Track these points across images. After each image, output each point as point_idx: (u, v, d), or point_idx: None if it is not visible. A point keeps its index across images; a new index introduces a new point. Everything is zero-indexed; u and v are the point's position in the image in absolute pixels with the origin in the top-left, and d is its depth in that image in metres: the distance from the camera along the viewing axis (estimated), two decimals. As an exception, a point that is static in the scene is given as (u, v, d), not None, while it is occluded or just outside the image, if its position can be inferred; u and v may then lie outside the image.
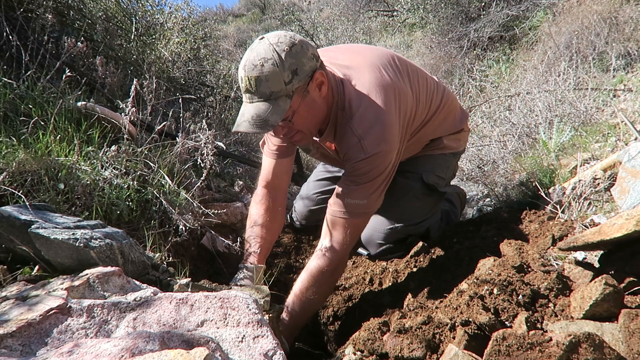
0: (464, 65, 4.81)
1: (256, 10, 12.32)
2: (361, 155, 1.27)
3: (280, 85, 1.15)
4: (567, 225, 1.33)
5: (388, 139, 1.28)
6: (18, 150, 1.24)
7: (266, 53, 1.13)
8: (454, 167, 1.78)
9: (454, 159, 1.76)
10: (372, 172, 1.29)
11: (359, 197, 1.32)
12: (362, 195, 1.31)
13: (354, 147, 1.28)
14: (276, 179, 1.58)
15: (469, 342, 0.88)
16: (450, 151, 1.71)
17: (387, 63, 1.41)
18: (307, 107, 1.25)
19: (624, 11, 3.43)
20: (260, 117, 1.15)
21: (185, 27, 3.10)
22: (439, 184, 1.68)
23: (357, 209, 1.33)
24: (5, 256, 1.00)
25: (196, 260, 1.52)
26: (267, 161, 1.59)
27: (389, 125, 1.28)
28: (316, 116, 1.31)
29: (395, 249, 1.65)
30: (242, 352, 0.79)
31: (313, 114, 1.29)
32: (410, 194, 1.66)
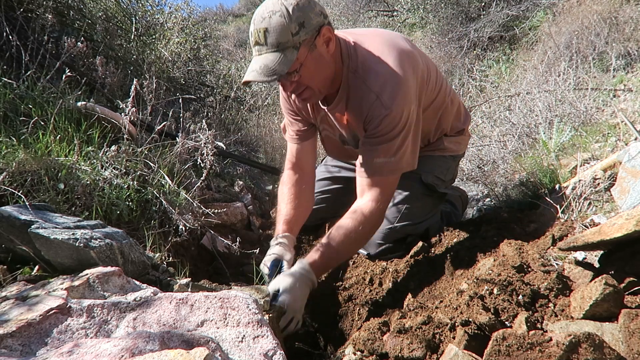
0: (464, 65, 4.81)
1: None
2: (382, 111, 1.30)
3: (287, 36, 1.18)
4: (567, 225, 1.33)
5: (405, 91, 1.30)
6: (18, 150, 1.24)
7: (274, 6, 1.18)
8: (453, 170, 1.79)
9: (454, 162, 1.77)
10: (396, 127, 1.32)
11: (387, 155, 1.35)
12: (389, 152, 1.35)
13: (373, 104, 1.31)
14: (300, 161, 1.64)
15: (469, 342, 0.88)
16: (450, 154, 1.72)
17: (399, 36, 1.47)
18: (315, 61, 1.27)
19: (624, 11, 3.43)
20: (268, 66, 1.19)
21: (185, 27, 3.11)
22: (438, 185, 1.68)
23: (387, 166, 1.36)
24: (5, 256, 1.00)
25: (196, 260, 1.52)
26: (290, 146, 1.66)
27: (404, 79, 1.31)
28: (324, 72, 1.32)
29: (394, 249, 1.65)
30: (242, 352, 0.79)
31: (321, 69, 1.30)
32: (410, 194, 1.66)
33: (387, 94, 1.29)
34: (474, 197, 2.60)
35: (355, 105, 1.39)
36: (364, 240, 1.46)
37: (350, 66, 1.36)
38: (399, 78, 1.30)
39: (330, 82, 1.37)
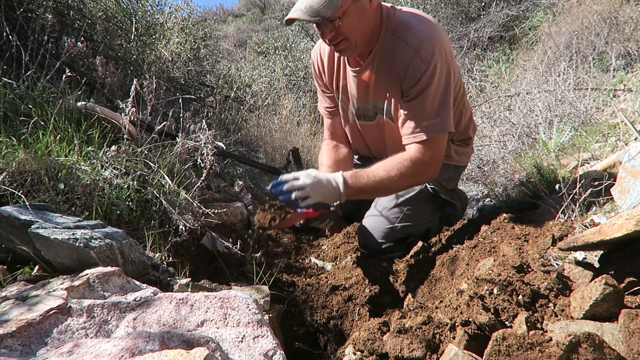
0: (464, 65, 4.81)
1: (256, 10, 12.32)
2: (422, 66, 1.33)
3: None
4: (567, 225, 1.33)
5: (443, 49, 1.35)
6: (18, 150, 1.24)
7: None
8: (455, 180, 1.80)
9: (456, 173, 1.79)
10: (435, 84, 1.34)
11: (430, 117, 1.37)
12: (432, 113, 1.36)
13: (412, 60, 1.34)
14: (335, 131, 1.79)
15: (469, 342, 0.88)
16: (454, 163, 1.74)
17: None
18: (357, 13, 1.31)
19: (624, 11, 3.43)
20: (313, 7, 1.23)
21: (185, 27, 3.10)
22: (441, 191, 1.70)
23: (432, 128, 1.37)
24: (5, 256, 1.00)
25: (196, 260, 1.52)
26: (325, 120, 1.82)
27: (442, 38, 1.37)
28: (364, 26, 1.35)
29: (395, 249, 1.65)
30: (242, 352, 0.79)
31: (361, 22, 1.33)
32: (413, 197, 1.68)
33: (425, 49, 1.33)
34: (474, 197, 2.59)
35: (389, 65, 1.42)
36: (401, 182, 1.42)
37: (389, 27, 1.40)
38: (438, 35, 1.36)
39: (368, 38, 1.40)
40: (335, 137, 1.78)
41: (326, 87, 1.70)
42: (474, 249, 1.42)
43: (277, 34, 7.48)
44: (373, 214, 1.71)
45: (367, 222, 1.71)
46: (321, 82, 1.71)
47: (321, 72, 1.67)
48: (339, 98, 1.68)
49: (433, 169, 1.45)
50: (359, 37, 1.37)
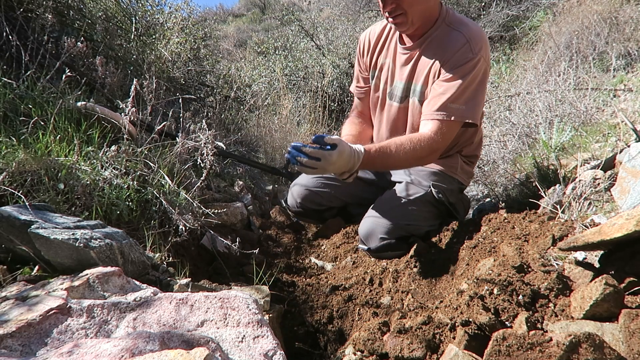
0: (464, 65, 4.80)
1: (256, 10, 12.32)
2: (469, 54, 1.47)
3: None
4: (567, 225, 1.33)
5: (488, 49, 1.51)
6: (18, 150, 1.24)
7: None
8: (456, 197, 1.84)
9: (458, 190, 1.84)
10: (474, 74, 1.47)
11: (459, 101, 1.49)
12: (463, 98, 1.48)
13: (463, 47, 1.48)
14: (364, 111, 1.93)
15: (469, 342, 0.88)
16: (459, 179, 1.81)
17: None
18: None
19: (624, 11, 3.43)
20: None
21: (185, 27, 3.10)
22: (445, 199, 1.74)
23: (457, 112, 1.49)
24: (5, 256, 1.00)
25: (196, 260, 1.52)
26: (355, 100, 1.96)
27: (488, 43, 1.54)
28: (424, 5, 1.49)
29: (396, 246, 1.65)
30: (242, 352, 0.79)
31: (422, 2, 1.48)
32: (416, 198, 1.70)
33: (476, 42, 1.48)
34: (474, 197, 2.59)
35: (439, 48, 1.54)
36: (414, 158, 1.53)
37: (446, 19, 1.55)
38: (486, 38, 1.53)
39: (424, 20, 1.54)
40: (359, 113, 1.94)
41: (364, 68, 1.84)
42: (474, 249, 1.42)
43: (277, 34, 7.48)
44: (375, 212, 1.72)
45: (369, 219, 1.71)
46: (361, 62, 1.84)
47: (364, 51, 1.80)
48: (374, 77, 1.79)
49: (439, 152, 1.57)
50: (417, 14, 1.49)
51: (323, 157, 1.38)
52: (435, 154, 1.57)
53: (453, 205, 1.80)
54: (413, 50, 1.61)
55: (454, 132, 1.55)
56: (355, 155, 1.43)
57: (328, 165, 1.38)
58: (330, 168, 1.40)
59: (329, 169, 1.40)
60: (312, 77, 5.03)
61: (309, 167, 1.38)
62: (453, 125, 1.51)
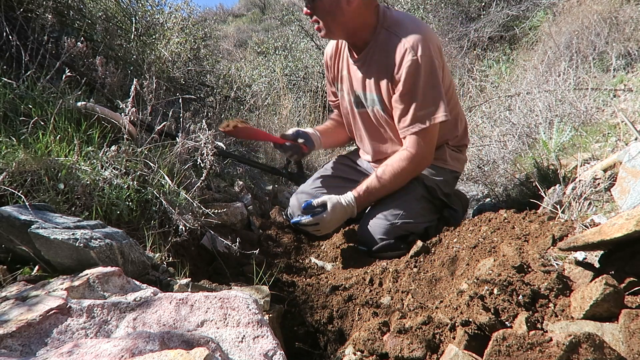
0: (464, 65, 4.81)
1: (256, 10, 12.32)
2: (411, 58, 1.49)
3: None
4: (567, 225, 1.33)
5: (430, 43, 1.52)
6: (18, 150, 1.24)
7: None
8: (451, 185, 1.86)
9: (452, 178, 1.85)
10: (425, 73, 1.50)
11: (424, 106, 1.53)
12: (426, 101, 1.53)
13: (403, 53, 1.51)
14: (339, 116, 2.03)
15: (469, 342, 0.88)
16: (450, 168, 1.82)
17: None
18: (330, 4, 1.52)
19: (624, 11, 3.43)
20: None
21: (185, 27, 3.10)
22: (437, 192, 1.76)
23: (427, 116, 1.54)
24: (5, 256, 1.00)
25: (196, 260, 1.52)
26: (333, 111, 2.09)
27: (431, 35, 1.56)
28: (339, 18, 1.55)
29: (395, 246, 1.65)
30: (242, 352, 0.79)
31: (335, 14, 1.53)
32: (411, 195, 1.71)
33: (414, 42, 1.50)
34: (474, 197, 2.59)
35: (382, 56, 1.59)
36: (401, 182, 1.66)
37: (384, 24, 1.59)
38: (426, 31, 1.54)
39: (352, 30, 1.59)
40: (338, 116, 2.04)
41: (330, 81, 1.92)
42: (474, 249, 1.42)
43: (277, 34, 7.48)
44: (372, 213, 1.72)
45: (367, 220, 1.71)
46: (328, 77, 1.93)
47: (328, 65, 1.89)
48: (339, 88, 1.87)
49: (428, 159, 1.66)
50: (333, 25, 1.56)
51: (320, 221, 1.58)
52: (426, 161, 1.66)
53: (448, 197, 1.81)
54: (360, 62, 1.67)
55: (435, 135, 1.61)
56: (347, 203, 1.61)
57: (327, 223, 1.59)
58: (331, 224, 1.61)
59: (331, 225, 1.61)
60: (312, 77, 5.03)
61: (313, 230, 1.61)
62: (430, 130, 1.58)
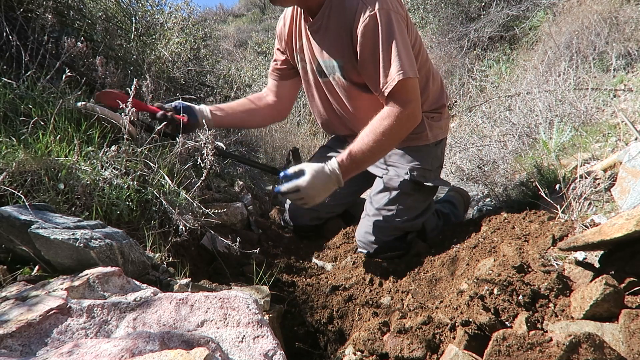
0: (464, 65, 4.81)
1: (256, 10, 12.32)
2: (367, 12, 1.37)
3: None
4: (567, 225, 1.33)
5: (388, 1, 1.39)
6: (18, 151, 1.24)
7: None
8: (440, 156, 1.81)
9: (439, 148, 1.80)
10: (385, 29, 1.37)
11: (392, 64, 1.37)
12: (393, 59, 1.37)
13: (358, 8, 1.39)
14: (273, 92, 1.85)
15: (469, 342, 0.88)
16: (434, 140, 1.75)
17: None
18: None
19: (624, 11, 3.43)
20: None
21: (185, 27, 3.10)
22: (426, 177, 1.71)
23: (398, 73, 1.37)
24: (5, 256, 1.00)
25: (196, 260, 1.52)
26: (270, 82, 1.86)
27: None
28: None
29: (394, 247, 1.65)
30: (242, 352, 0.79)
31: None
32: (400, 192, 1.69)
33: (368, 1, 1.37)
34: (474, 197, 2.60)
35: (338, 16, 1.46)
36: (391, 141, 1.45)
37: None
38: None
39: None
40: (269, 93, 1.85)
41: (284, 51, 1.76)
42: (474, 249, 1.42)
43: (277, 34, 7.46)
44: (368, 214, 1.72)
45: (364, 222, 1.71)
46: (280, 45, 1.77)
47: (282, 35, 1.74)
48: (298, 59, 1.71)
49: (415, 112, 1.45)
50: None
51: (299, 187, 1.39)
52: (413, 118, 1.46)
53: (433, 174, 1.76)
54: (316, 26, 1.55)
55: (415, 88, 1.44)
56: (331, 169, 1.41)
57: (309, 190, 1.39)
58: (315, 191, 1.40)
59: (314, 192, 1.40)
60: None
61: (296, 200, 1.42)
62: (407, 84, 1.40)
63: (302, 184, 1.38)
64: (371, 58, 1.42)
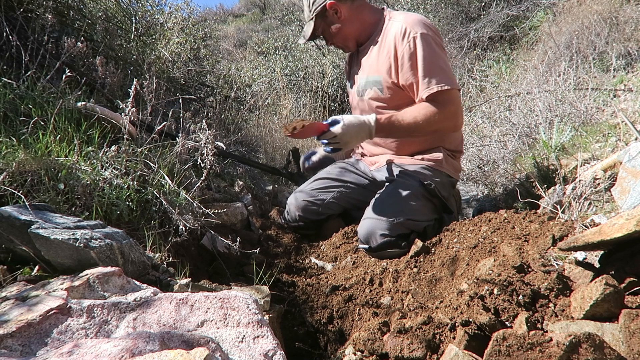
0: (464, 65, 4.81)
1: (256, 10, 12.32)
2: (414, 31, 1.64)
3: (308, 13, 1.83)
4: (567, 225, 1.33)
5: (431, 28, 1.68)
6: (18, 151, 1.24)
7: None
8: (448, 189, 1.86)
9: (448, 182, 1.86)
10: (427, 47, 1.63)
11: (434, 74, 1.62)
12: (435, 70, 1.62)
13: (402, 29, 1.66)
14: None
15: (469, 342, 0.88)
16: (447, 172, 1.84)
17: None
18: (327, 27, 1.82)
19: (624, 11, 3.43)
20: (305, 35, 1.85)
21: (185, 27, 3.10)
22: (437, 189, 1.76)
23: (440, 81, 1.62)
24: (5, 256, 1.00)
25: (196, 261, 1.52)
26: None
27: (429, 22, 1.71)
28: (342, 34, 1.82)
29: (396, 244, 1.65)
30: (242, 352, 0.79)
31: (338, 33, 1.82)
32: (410, 193, 1.72)
33: (413, 22, 1.66)
34: (474, 197, 2.59)
35: (384, 39, 1.75)
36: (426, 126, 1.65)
37: (390, 15, 1.79)
38: (425, 19, 1.72)
39: (356, 34, 1.83)
40: None
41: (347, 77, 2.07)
42: (474, 249, 1.42)
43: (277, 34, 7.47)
44: (373, 212, 1.72)
45: (368, 219, 1.72)
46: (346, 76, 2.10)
47: (345, 70, 2.09)
48: (350, 85, 1.99)
49: (458, 118, 1.70)
50: (342, 40, 1.85)
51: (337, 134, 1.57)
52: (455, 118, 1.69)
53: (446, 199, 1.82)
54: (364, 49, 1.85)
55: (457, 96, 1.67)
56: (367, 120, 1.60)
57: (345, 136, 1.57)
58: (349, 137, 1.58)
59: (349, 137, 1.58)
60: (312, 77, 5.03)
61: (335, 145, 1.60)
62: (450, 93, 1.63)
63: (338, 130, 1.57)
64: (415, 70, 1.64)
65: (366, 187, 1.96)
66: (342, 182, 1.99)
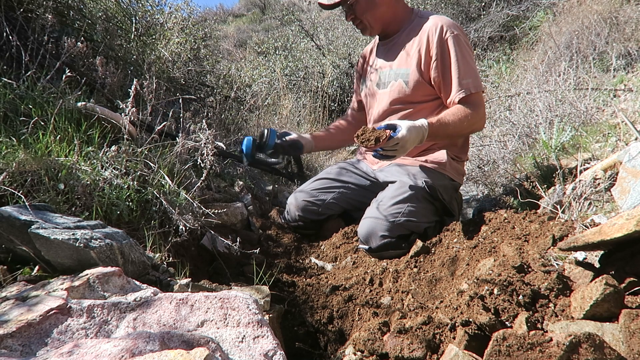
0: (464, 65, 4.80)
1: (256, 10, 12.32)
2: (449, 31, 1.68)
3: None
4: (567, 225, 1.33)
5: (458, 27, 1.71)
6: (18, 151, 1.24)
7: None
8: (450, 193, 1.86)
9: (451, 186, 1.86)
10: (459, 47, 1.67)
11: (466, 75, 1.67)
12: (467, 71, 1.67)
13: (436, 27, 1.70)
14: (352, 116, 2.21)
15: (469, 342, 0.88)
16: (450, 176, 1.84)
17: None
18: (366, 2, 1.77)
19: (624, 11, 3.43)
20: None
21: (185, 27, 3.10)
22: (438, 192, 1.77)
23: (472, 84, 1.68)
24: (5, 256, 1.00)
25: (196, 261, 1.52)
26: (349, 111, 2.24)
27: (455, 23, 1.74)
28: (376, 12, 1.79)
29: (397, 245, 1.65)
30: (242, 352, 0.79)
31: (372, 8, 1.78)
32: (411, 194, 1.72)
33: (447, 23, 1.71)
34: (474, 197, 2.60)
35: (415, 34, 1.77)
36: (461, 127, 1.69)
37: (419, 14, 1.83)
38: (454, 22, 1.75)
39: (387, 22, 1.83)
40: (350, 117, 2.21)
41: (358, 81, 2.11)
42: (474, 249, 1.42)
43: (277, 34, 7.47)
44: (373, 212, 1.72)
45: (368, 219, 1.72)
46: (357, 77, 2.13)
47: (361, 68, 2.08)
48: (364, 84, 2.01)
49: (483, 121, 1.75)
50: (372, 19, 1.80)
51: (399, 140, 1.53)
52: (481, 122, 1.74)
53: (448, 202, 1.82)
54: (393, 42, 1.86)
55: (483, 102, 1.73)
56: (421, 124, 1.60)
57: (406, 143, 1.54)
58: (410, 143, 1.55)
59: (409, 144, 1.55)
60: (312, 77, 5.03)
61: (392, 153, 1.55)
62: (478, 96, 1.70)
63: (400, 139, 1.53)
64: (448, 68, 1.68)
65: (367, 188, 1.96)
66: (342, 183, 1.99)
